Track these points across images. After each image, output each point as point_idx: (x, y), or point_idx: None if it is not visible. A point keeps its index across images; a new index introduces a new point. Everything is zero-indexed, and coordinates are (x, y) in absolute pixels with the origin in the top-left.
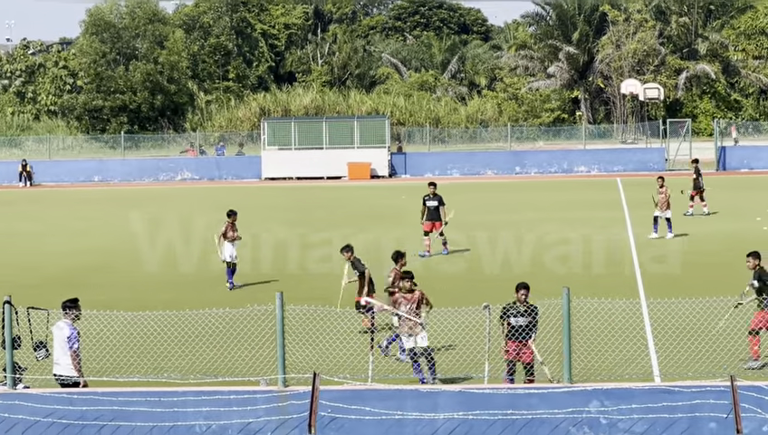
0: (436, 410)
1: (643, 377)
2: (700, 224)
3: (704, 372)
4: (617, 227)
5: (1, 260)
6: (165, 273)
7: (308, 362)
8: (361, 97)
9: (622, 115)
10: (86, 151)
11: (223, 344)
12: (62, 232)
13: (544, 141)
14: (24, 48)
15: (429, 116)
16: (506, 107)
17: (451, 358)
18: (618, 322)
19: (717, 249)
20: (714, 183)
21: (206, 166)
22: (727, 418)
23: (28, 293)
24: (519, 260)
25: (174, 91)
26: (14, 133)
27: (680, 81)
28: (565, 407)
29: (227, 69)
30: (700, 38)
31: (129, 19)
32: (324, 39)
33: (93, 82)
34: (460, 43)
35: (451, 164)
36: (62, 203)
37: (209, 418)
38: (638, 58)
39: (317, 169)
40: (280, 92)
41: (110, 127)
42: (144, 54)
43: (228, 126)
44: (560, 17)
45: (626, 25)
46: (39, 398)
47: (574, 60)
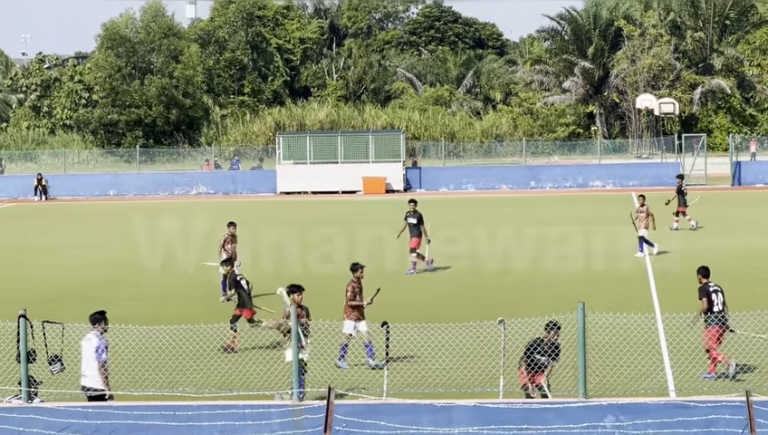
0: (450, 424)
1: (658, 392)
2: (717, 238)
3: (719, 386)
4: (631, 242)
5: (16, 274)
6: (177, 286)
7: (323, 376)
8: (376, 111)
9: (637, 130)
10: (101, 165)
11: (237, 358)
12: (76, 246)
13: (559, 156)
14: (40, 62)
15: (444, 130)
16: (521, 121)
17: (466, 372)
18: (633, 336)
19: (733, 264)
20: (729, 198)
21: (221, 180)
22: (743, 433)
23: (43, 306)
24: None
25: (189, 105)
26: (29, 147)
27: (695, 95)
28: (580, 422)
29: (243, 83)
30: (715, 53)
31: (144, 33)
32: (339, 53)
33: (109, 96)
34: (475, 57)
35: (466, 179)
36: (77, 217)
37: (224, 432)
38: (654, 73)
39: (332, 183)
40: (295, 107)
41: (126, 141)
42: (159, 69)
43: (243, 140)
44: (575, 32)
45: (641, 40)
46: (54, 412)
47: (589, 75)
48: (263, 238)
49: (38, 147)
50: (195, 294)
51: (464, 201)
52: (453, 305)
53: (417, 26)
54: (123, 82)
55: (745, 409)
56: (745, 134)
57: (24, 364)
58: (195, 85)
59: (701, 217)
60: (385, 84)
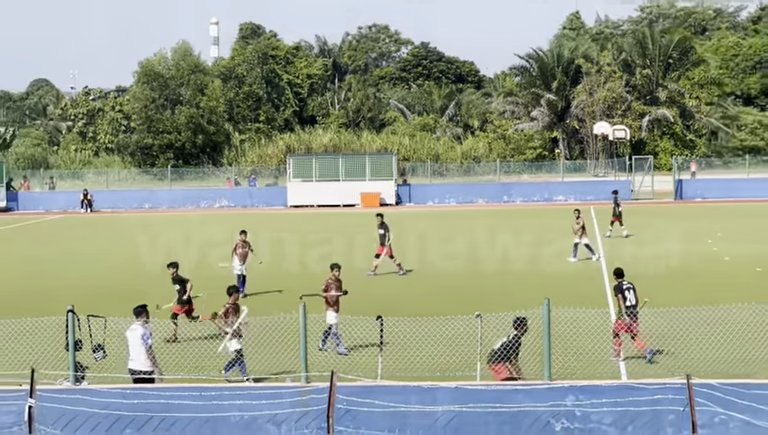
0: (435, 403)
1: (612, 376)
2: (662, 244)
3: (664, 371)
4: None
5: (65, 274)
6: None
7: (326, 362)
8: (372, 137)
9: (594, 152)
10: (138, 182)
11: (254, 347)
12: (117, 251)
13: (528, 175)
14: (86, 95)
15: (430, 153)
16: (496, 145)
17: (448, 359)
18: (590, 328)
19: (676, 266)
20: (672, 211)
21: (240, 195)
22: (684, 410)
23: (88, 303)
24: (502, 274)
25: (213, 131)
26: (76, 167)
27: (644, 123)
28: (546, 401)
29: (258, 113)
30: (660, 87)
31: (174, 70)
32: (341, 87)
33: (144, 123)
34: (456, 90)
35: (448, 194)
36: (118, 226)
37: (243, 409)
38: (608, 104)
39: (334, 197)
40: (303, 133)
41: (159, 162)
42: (187, 100)
43: (259, 161)
44: (541, 69)
45: (597, 76)
46: (97, 393)
47: (553, 105)
48: (274, 243)
49: (84, 167)
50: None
51: (446, 213)
52: (437, 302)
53: (406, 64)
54: (157, 111)
55: (686, 390)
56: (686, 156)
57: (71, 352)
58: (218, 114)
59: (650, 227)
60: (379, 114)
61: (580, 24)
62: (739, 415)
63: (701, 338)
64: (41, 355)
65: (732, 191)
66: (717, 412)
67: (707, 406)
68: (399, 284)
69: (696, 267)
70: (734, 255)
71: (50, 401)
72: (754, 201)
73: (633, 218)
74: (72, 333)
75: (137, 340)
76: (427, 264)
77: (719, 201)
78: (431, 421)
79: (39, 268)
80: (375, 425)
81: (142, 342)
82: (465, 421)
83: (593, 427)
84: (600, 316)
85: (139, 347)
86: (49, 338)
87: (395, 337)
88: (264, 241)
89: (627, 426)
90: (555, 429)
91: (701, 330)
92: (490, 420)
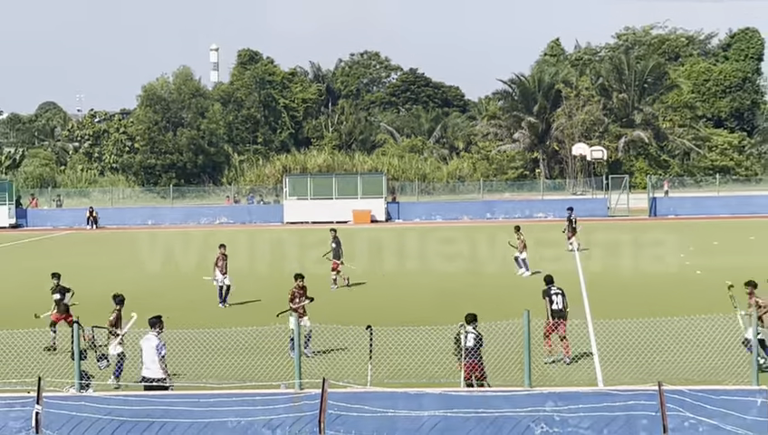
0: (421, 408)
1: (588, 382)
2: (636, 259)
3: (637, 378)
4: (568, 262)
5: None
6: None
7: (319, 369)
8: (363, 157)
9: (573, 172)
10: (141, 200)
11: (250, 355)
12: (120, 265)
13: (510, 193)
14: (92, 117)
15: (418, 173)
16: (479, 166)
17: (434, 367)
18: (569, 337)
19: (650, 279)
20: (646, 228)
21: (239, 212)
22: (656, 415)
23: (93, 315)
24: (484, 286)
25: (213, 152)
26: (83, 186)
27: (620, 144)
28: (526, 406)
29: (256, 135)
30: (636, 110)
31: (176, 94)
32: (334, 111)
33: (147, 144)
34: (443, 114)
35: (435, 211)
36: (122, 243)
37: (239, 415)
38: (586, 126)
39: (328, 214)
40: (299, 154)
41: (161, 181)
42: (189, 122)
43: (257, 181)
44: (523, 93)
45: (576, 100)
46: (101, 399)
47: (534, 128)
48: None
49: (90, 185)
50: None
51: (433, 229)
52: (423, 311)
53: (396, 89)
54: (159, 133)
55: (658, 396)
56: (660, 175)
57: (77, 361)
58: (217, 136)
59: (623, 241)
60: (370, 136)
61: (560, 50)
62: (708, 420)
63: (672, 347)
64: (47, 364)
65: (703, 208)
66: (687, 417)
67: (678, 411)
68: (386, 294)
69: (670, 280)
70: (705, 268)
71: (56, 407)
72: (724, 218)
73: (610, 234)
74: (77, 343)
75: (152, 349)
76: (412, 275)
77: (691, 218)
78: (417, 426)
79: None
80: (364, 429)
81: (156, 351)
82: (449, 426)
83: (571, 431)
84: (576, 327)
85: (154, 356)
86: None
87: (383, 346)
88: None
89: (602, 429)
90: (535, 432)
91: (673, 339)
92: (473, 425)
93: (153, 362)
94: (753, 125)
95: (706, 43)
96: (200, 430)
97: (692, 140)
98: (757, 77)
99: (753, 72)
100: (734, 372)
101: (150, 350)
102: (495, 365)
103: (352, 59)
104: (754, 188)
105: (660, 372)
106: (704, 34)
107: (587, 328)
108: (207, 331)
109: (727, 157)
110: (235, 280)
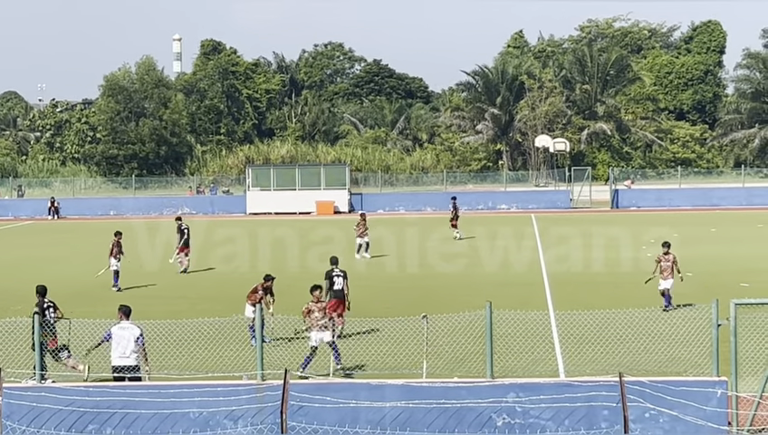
0: (383, 399)
1: (550, 374)
2: (598, 251)
3: (598, 370)
4: (530, 253)
5: (32, 278)
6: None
7: (281, 360)
8: (327, 149)
9: (536, 164)
10: (103, 191)
11: (211, 346)
12: (82, 256)
13: (473, 184)
14: (54, 107)
15: (381, 164)
16: (443, 157)
17: (396, 358)
18: (531, 329)
19: (612, 270)
20: (608, 219)
21: (201, 203)
22: (617, 406)
23: None
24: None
25: (176, 142)
26: (44, 176)
27: (583, 136)
28: (488, 397)
29: (219, 125)
30: (599, 102)
31: (138, 84)
32: (297, 102)
33: (110, 135)
34: (406, 105)
35: (398, 202)
36: (84, 233)
37: (201, 406)
38: (549, 118)
39: (291, 205)
40: (262, 145)
41: (124, 171)
42: (151, 113)
43: (220, 171)
44: (486, 85)
45: (539, 92)
46: (62, 390)
47: (498, 119)
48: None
49: (51, 175)
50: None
51: (396, 221)
52: (385, 303)
53: (359, 80)
54: (121, 123)
55: (618, 387)
56: (622, 167)
57: (37, 352)
58: (180, 127)
59: (587, 234)
60: (334, 127)
61: (523, 42)
62: (668, 411)
63: (633, 338)
64: (7, 355)
65: (665, 201)
66: (648, 408)
67: (639, 402)
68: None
69: (631, 272)
70: None
71: (17, 398)
72: (686, 210)
73: (572, 226)
74: (37, 334)
75: (129, 338)
76: (375, 267)
77: (653, 210)
78: (380, 417)
79: (4, 271)
80: (327, 420)
81: (137, 340)
82: (412, 416)
83: (533, 422)
84: (539, 318)
85: (131, 344)
86: (15, 339)
87: (346, 337)
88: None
89: (564, 420)
90: (497, 423)
91: (634, 331)
92: (435, 416)
93: (128, 350)
94: (715, 118)
95: (669, 36)
96: (162, 421)
97: (654, 133)
98: (719, 70)
99: (715, 65)
100: (695, 363)
101: (128, 338)
102: (458, 357)
103: (316, 50)
104: (716, 181)
105: (621, 364)
106: (666, 27)
107: (549, 320)
108: (168, 322)
109: (689, 149)
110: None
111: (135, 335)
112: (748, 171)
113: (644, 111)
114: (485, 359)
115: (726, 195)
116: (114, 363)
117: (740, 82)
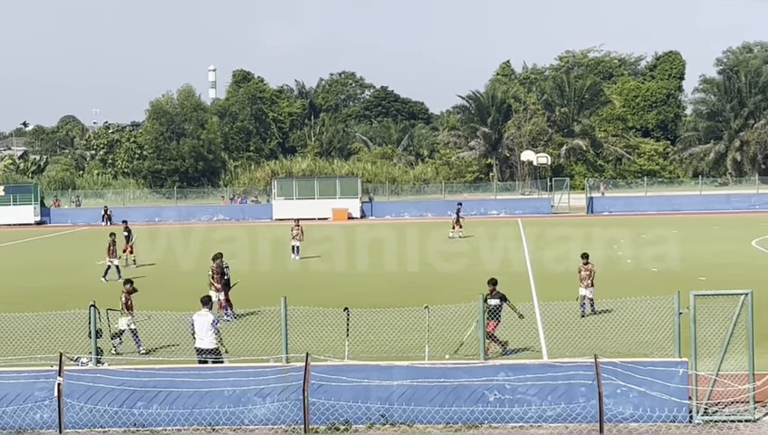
0: (391, 378)
1: (535, 356)
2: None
3: (576, 352)
4: (517, 252)
5: (88, 275)
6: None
7: (303, 345)
8: (341, 163)
9: (522, 175)
10: (149, 201)
11: (241, 332)
12: None
13: (468, 193)
14: (106, 128)
15: (388, 176)
16: (441, 170)
17: (402, 343)
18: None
19: None
20: (584, 223)
21: (233, 210)
22: (592, 383)
23: (107, 298)
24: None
25: (211, 159)
26: (98, 188)
27: (562, 151)
28: (481, 377)
29: (249, 144)
30: (575, 122)
31: (179, 108)
32: (316, 123)
33: (154, 152)
34: (409, 125)
35: (403, 209)
36: None
37: (234, 385)
38: (533, 136)
39: (311, 212)
40: (285, 160)
41: (167, 184)
42: (190, 133)
43: (249, 183)
44: (478, 108)
45: (524, 113)
46: (114, 372)
47: (488, 137)
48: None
49: (104, 188)
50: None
51: (401, 225)
52: (393, 296)
53: (369, 104)
54: (165, 142)
55: (594, 367)
56: (596, 178)
57: (93, 339)
58: (215, 145)
59: (565, 236)
60: (347, 144)
61: (510, 70)
62: (637, 387)
63: (607, 325)
64: (68, 342)
65: (633, 206)
66: (620, 385)
67: (611, 380)
68: (360, 281)
69: (604, 268)
70: (634, 258)
71: (76, 378)
72: (651, 214)
73: (553, 229)
74: (93, 323)
75: (206, 324)
76: (382, 264)
77: (623, 214)
78: (388, 393)
79: (67, 270)
80: (343, 397)
81: (212, 326)
82: (416, 393)
83: (520, 397)
84: (525, 308)
85: (208, 329)
86: (75, 328)
87: (358, 325)
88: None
89: (547, 396)
90: (489, 399)
91: (607, 318)
92: (436, 392)
93: (207, 335)
94: (676, 135)
95: (636, 65)
96: (201, 398)
97: (623, 148)
98: (679, 93)
99: (676, 90)
100: (660, 347)
101: (206, 324)
102: (454, 341)
103: (332, 78)
104: (677, 189)
105: (596, 347)
106: (633, 57)
107: (534, 309)
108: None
109: (654, 162)
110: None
111: (209, 321)
112: (705, 181)
113: (615, 129)
114: (479, 344)
115: (686, 201)
116: (196, 346)
117: (697, 103)
